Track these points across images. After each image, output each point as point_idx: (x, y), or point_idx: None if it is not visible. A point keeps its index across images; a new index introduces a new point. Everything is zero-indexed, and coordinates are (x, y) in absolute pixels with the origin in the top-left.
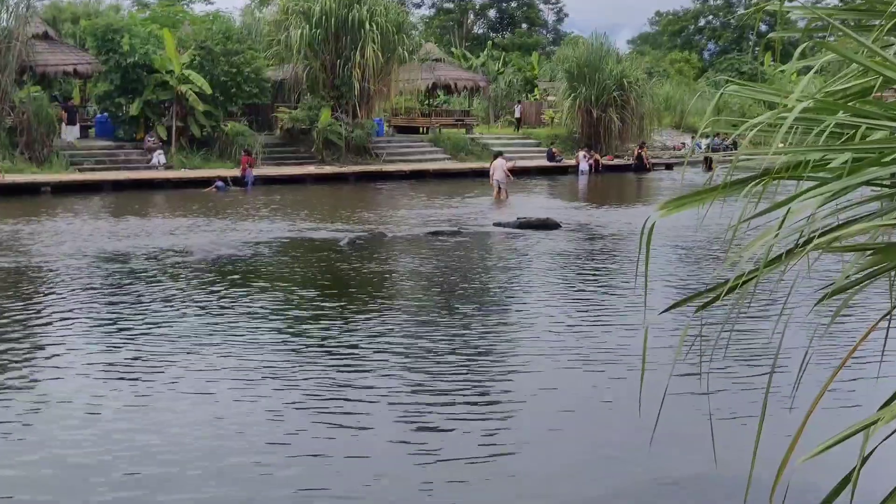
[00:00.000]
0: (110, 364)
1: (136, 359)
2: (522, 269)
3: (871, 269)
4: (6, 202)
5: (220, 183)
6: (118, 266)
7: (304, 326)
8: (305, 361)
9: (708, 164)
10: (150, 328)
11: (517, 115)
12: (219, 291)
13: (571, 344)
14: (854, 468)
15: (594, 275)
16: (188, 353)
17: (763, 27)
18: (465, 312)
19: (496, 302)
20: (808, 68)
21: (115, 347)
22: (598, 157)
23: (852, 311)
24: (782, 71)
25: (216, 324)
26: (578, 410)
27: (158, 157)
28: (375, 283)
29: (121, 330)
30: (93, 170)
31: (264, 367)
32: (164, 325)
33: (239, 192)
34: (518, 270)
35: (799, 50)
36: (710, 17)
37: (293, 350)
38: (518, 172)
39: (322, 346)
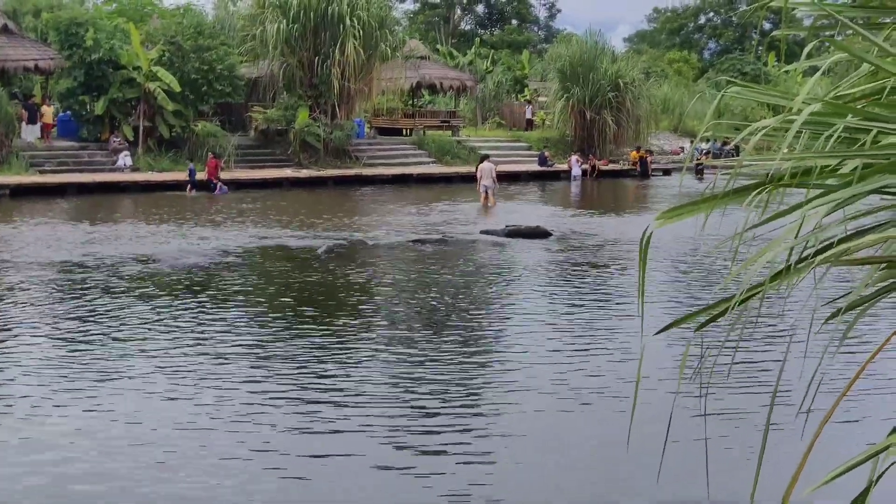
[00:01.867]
0: (49, 384)
1: (81, 380)
2: (510, 282)
3: (883, 284)
4: None
5: (191, 166)
6: (75, 276)
7: (273, 346)
8: (270, 387)
9: (697, 172)
10: (101, 347)
11: (529, 115)
12: (184, 304)
13: (560, 370)
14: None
15: (586, 289)
16: (144, 373)
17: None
18: (445, 334)
19: (480, 321)
20: (815, 69)
21: (61, 367)
22: (595, 161)
23: (863, 328)
24: (787, 72)
25: (178, 340)
26: (566, 443)
27: (125, 158)
28: (351, 297)
29: (69, 344)
30: (55, 172)
31: (225, 391)
32: (118, 342)
33: (207, 196)
34: (505, 284)
35: (806, 50)
36: (711, 14)
37: (257, 373)
38: (509, 177)
39: (289, 368)
